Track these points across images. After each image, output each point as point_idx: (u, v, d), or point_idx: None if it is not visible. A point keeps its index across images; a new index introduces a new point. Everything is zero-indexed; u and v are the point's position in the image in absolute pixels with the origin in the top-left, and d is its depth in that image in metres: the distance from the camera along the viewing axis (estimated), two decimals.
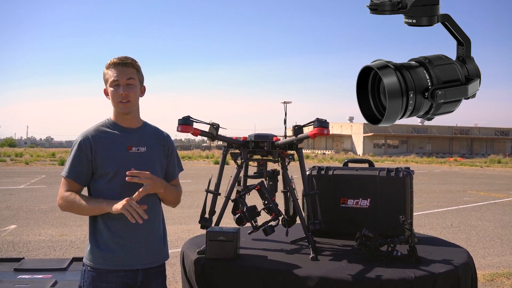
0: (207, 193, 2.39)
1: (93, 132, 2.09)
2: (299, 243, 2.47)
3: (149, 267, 2.10)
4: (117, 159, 2.06)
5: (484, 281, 5.00)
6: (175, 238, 6.89)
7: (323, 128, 2.13)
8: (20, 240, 6.66)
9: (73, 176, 2.07)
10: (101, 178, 2.07)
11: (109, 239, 2.04)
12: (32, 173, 19.37)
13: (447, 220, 9.17)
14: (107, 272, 2.03)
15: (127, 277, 2.05)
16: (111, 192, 2.04)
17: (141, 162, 2.10)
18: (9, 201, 10.67)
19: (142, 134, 2.17)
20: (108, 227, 2.05)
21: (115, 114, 2.15)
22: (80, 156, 2.06)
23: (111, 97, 2.09)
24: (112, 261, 2.03)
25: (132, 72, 2.09)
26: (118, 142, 2.09)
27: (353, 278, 1.90)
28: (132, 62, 2.10)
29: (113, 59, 2.09)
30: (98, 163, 2.05)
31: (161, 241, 2.17)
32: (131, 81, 2.08)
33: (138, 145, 2.12)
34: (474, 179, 21.04)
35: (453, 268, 2.03)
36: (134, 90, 2.10)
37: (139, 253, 2.07)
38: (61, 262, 2.93)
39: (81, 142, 2.07)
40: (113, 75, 2.06)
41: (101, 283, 2.02)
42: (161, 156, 2.20)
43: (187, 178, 17.68)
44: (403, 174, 2.54)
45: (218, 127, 2.38)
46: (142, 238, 2.08)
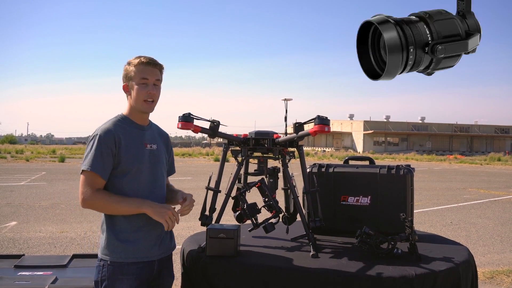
0: (207, 190, 2.39)
1: (114, 127, 2.09)
2: (300, 241, 2.47)
3: (162, 257, 2.18)
4: (138, 155, 2.10)
5: (484, 279, 5.00)
6: (175, 235, 6.85)
7: (324, 125, 2.13)
8: (20, 236, 6.66)
9: (99, 170, 2.01)
10: (121, 174, 2.06)
11: (130, 233, 2.07)
12: (32, 170, 19.38)
13: (447, 218, 9.18)
14: (128, 264, 2.06)
15: (145, 267, 2.10)
16: (131, 188, 2.07)
17: (155, 159, 2.17)
18: (9, 197, 10.68)
19: (151, 132, 2.23)
20: (129, 222, 2.07)
21: (130, 110, 2.16)
22: (105, 150, 2.03)
23: (136, 94, 2.10)
24: (134, 253, 2.07)
25: (159, 74, 2.15)
26: (136, 138, 2.13)
27: (354, 275, 1.90)
28: (160, 64, 2.16)
29: (142, 58, 2.11)
30: (121, 159, 2.05)
31: (169, 232, 2.22)
32: (158, 82, 2.14)
33: (151, 142, 2.18)
34: (474, 177, 21.04)
35: (453, 266, 2.03)
36: (159, 91, 2.16)
37: (156, 245, 2.13)
38: (62, 259, 2.93)
39: (103, 136, 2.04)
40: (143, 73, 2.09)
41: (122, 275, 2.04)
42: (165, 153, 2.29)
43: (187, 175, 17.69)
44: (404, 172, 2.54)
45: (219, 124, 2.38)
46: (159, 231, 2.14)
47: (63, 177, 16.25)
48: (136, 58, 2.13)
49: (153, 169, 2.15)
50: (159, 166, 2.18)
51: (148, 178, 2.12)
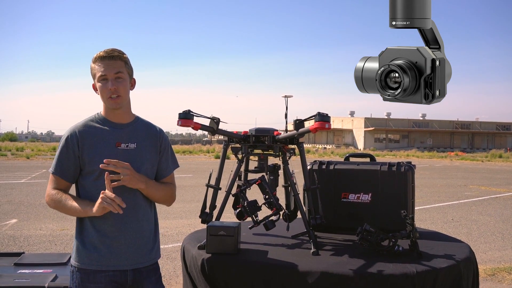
0: (207, 187, 2.38)
1: (81, 127, 2.01)
2: (300, 238, 2.47)
3: (139, 267, 2.02)
4: (104, 156, 1.95)
5: (485, 276, 4.99)
6: (176, 232, 6.90)
7: (325, 122, 2.12)
8: (20, 234, 6.67)
9: (60, 172, 1.99)
10: (88, 175, 1.98)
11: (95, 239, 1.97)
12: (33, 168, 19.40)
13: (448, 215, 9.17)
14: (95, 272, 1.96)
15: (116, 276, 1.98)
16: (98, 189, 1.91)
17: (130, 159, 2.00)
18: (10, 195, 10.69)
19: (132, 129, 2.07)
20: (94, 227, 1.97)
21: (105, 109, 2.06)
22: (67, 152, 1.98)
23: (100, 93, 2.00)
24: (98, 261, 1.96)
25: (120, 65, 1.99)
26: (107, 138, 2.00)
27: (354, 273, 1.89)
28: (119, 55, 1.99)
29: (99, 53, 1.98)
30: (85, 159, 1.97)
31: (149, 241, 2.07)
32: (119, 75, 1.98)
33: (127, 141, 2.03)
34: (475, 174, 21.03)
35: (454, 263, 2.02)
36: (123, 84, 2.00)
37: (126, 253, 1.99)
38: (62, 257, 2.93)
39: (68, 137, 1.99)
40: (100, 69, 1.96)
41: (90, 283, 1.95)
42: (152, 152, 2.09)
43: (188, 172, 17.70)
44: (405, 169, 2.53)
45: (219, 121, 2.37)
46: (130, 238, 1.99)
47: None
48: (96, 53, 1.99)
49: None
50: (135, 166, 1.98)
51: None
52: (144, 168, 2.03)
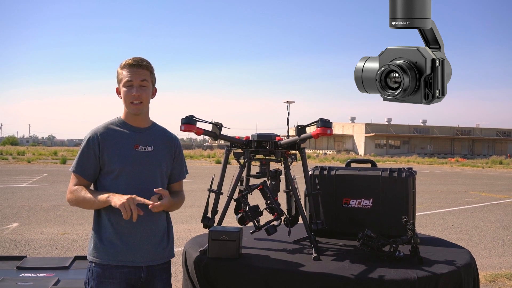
0: (209, 192, 2.40)
1: (102, 129, 2.14)
2: (301, 243, 2.47)
3: (152, 264, 2.13)
4: (123, 156, 2.10)
5: (485, 282, 4.99)
6: (177, 237, 6.89)
7: (327, 128, 2.13)
8: (22, 238, 6.67)
9: (80, 171, 2.12)
10: (108, 174, 2.11)
11: (112, 235, 2.07)
12: (34, 172, 19.41)
13: (449, 221, 9.16)
14: (111, 267, 2.05)
15: (131, 273, 2.07)
16: (116, 188, 2.07)
17: (147, 161, 2.14)
18: (11, 199, 10.70)
19: (150, 134, 2.21)
20: (111, 223, 2.08)
21: (125, 113, 2.19)
22: (87, 152, 2.11)
23: (124, 97, 2.14)
24: (115, 256, 2.06)
25: (145, 74, 2.13)
26: (126, 140, 2.14)
27: (356, 278, 1.90)
28: (146, 65, 2.14)
29: (128, 60, 2.13)
30: (105, 159, 2.10)
31: (164, 239, 2.18)
32: (144, 83, 2.13)
33: (145, 144, 2.16)
34: (475, 180, 21.00)
35: (455, 269, 2.03)
36: (146, 91, 2.14)
37: (141, 250, 2.09)
38: (64, 261, 2.94)
39: (90, 138, 2.12)
40: (127, 75, 2.10)
41: (106, 278, 2.05)
42: (167, 157, 2.23)
43: (189, 177, 17.62)
44: (406, 175, 2.54)
45: (221, 126, 2.39)
46: (145, 235, 2.10)
47: (65, 178, 16.25)
48: (125, 60, 2.15)
49: (143, 171, 2.12)
50: (152, 169, 2.15)
51: (135, 179, 2.10)
52: (160, 170, 2.18)
